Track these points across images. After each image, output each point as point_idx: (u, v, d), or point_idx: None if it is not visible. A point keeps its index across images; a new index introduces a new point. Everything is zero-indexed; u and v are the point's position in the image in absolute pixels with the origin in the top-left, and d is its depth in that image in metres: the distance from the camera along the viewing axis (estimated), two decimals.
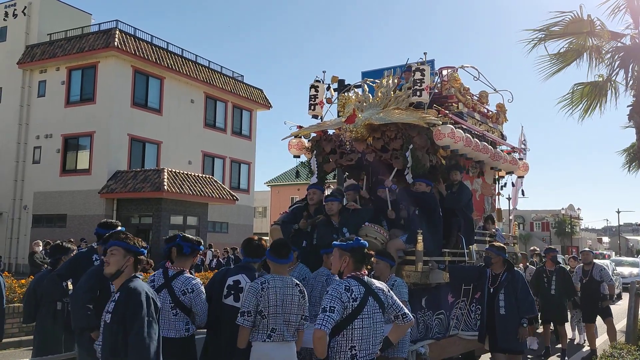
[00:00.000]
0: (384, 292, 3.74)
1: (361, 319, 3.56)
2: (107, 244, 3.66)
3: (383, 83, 7.94)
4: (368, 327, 3.59)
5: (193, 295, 4.53)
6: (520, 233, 57.88)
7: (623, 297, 18.46)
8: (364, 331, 3.57)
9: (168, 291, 4.51)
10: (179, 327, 4.50)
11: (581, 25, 8.90)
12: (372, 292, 3.66)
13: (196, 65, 27.52)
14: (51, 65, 25.10)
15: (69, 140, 24.66)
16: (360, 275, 3.71)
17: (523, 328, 6.41)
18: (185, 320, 4.54)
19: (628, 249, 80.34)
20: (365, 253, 3.78)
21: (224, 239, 27.01)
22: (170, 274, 4.61)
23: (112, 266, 3.48)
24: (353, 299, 3.57)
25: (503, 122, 9.40)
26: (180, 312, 4.51)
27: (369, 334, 3.59)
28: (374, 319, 3.62)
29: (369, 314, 3.60)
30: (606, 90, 9.52)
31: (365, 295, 3.61)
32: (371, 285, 3.70)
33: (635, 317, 8.86)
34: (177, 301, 4.49)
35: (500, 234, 8.74)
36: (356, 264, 3.73)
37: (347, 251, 3.78)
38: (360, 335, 3.56)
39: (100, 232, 5.15)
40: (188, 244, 4.67)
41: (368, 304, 3.60)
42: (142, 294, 3.37)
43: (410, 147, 7.02)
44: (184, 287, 4.52)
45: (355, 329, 3.55)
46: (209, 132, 28.25)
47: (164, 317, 4.44)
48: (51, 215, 24.18)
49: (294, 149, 8.60)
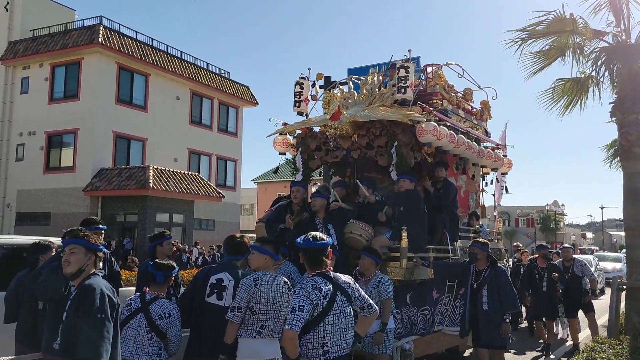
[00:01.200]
0: (350, 286, 3.76)
1: (332, 315, 3.57)
2: (66, 242, 3.51)
3: (368, 80, 7.95)
4: (339, 322, 3.60)
5: (169, 320, 4.47)
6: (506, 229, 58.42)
7: (606, 292, 18.70)
8: (335, 327, 3.58)
9: (144, 315, 4.45)
10: (151, 353, 4.42)
11: (563, 23, 8.96)
12: (340, 288, 3.67)
13: (182, 62, 27.35)
14: (34, 62, 24.81)
15: (52, 138, 24.40)
16: (326, 271, 3.70)
17: (506, 323, 6.47)
18: (158, 345, 4.46)
19: (612, 245, 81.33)
20: (317, 252, 3.71)
21: (211, 237, 26.93)
22: (148, 298, 4.55)
23: (73, 265, 3.38)
24: (323, 296, 3.57)
25: (487, 119, 9.47)
26: (155, 337, 4.43)
27: (340, 329, 3.60)
28: (344, 314, 3.63)
29: (339, 309, 3.61)
30: (587, 87, 9.60)
31: (334, 292, 3.62)
32: (338, 280, 3.70)
33: (617, 312, 8.97)
34: (153, 325, 4.42)
35: (484, 230, 8.81)
36: (313, 262, 3.72)
37: (300, 251, 3.79)
38: (332, 331, 3.57)
39: None
40: (160, 273, 4.60)
41: (337, 299, 3.61)
42: (97, 290, 3.25)
43: (395, 144, 7.05)
44: (161, 312, 4.46)
45: (327, 326, 3.56)
46: (195, 129, 28.11)
47: (137, 341, 4.40)
48: (35, 213, 23.93)
49: (279, 146, 8.59)
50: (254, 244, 4.54)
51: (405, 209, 6.82)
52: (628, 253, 9.10)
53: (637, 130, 8.79)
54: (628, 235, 8.87)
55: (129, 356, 4.39)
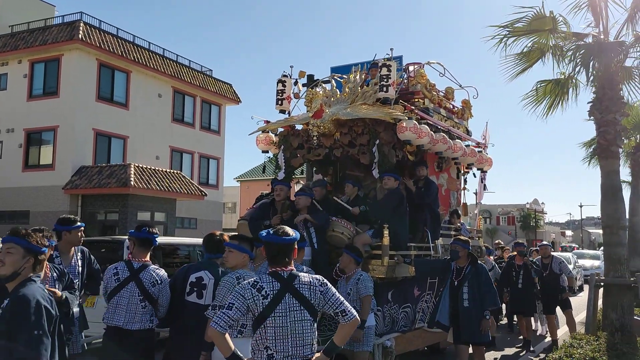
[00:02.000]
0: (313, 288, 3.31)
1: (273, 317, 3.21)
2: (4, 240, 3.14)
3: (351, 79, 7.97)
4: (283, 326, 3.21)
5: (161, 286, 4.57)
6: (487, 227, 58.91)
7: (584, 289, 18.98)
8: (278, 330, 3.21)
9: (136, 283, 4.49)
10: (145, 320, 4.50)
11: (543, 22, 9.07)
12: (292, 289, 3.27)
13: (163, 59, 27.11)
14: (13, 58, 24.38)
15: (31, 135, 24.02)
16: (280, 270, 3.32)
17: (485, 320, 6.54)
18: (150, 312, 4.57)
19: (590, 242, 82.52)
20: (279, 247, 3.36)
21: (193, 235, 26.72)
22: (136, 266, 4.60)
23: (7, 267, 3.00)
24: (263, 296, 3.23)
25: (468, 117, 9.55)
26: (148, 304, 4.52)
27: (285, 333, 3.22)
28: (291, 318, 3.23)
29: (284, 312, 3.23)
30: (567, 87, 9.75)
31: (280, 293, 3.25)
32: (292, 280, 3.30)
33: (594, 309, 9.13)
34: (146, 293, 4.49)
35: (465, 228, 8.89)
36: (272, 258, 3.37)
37: (263, 245, 3.48)
38: (274, 334, 3.21)
39: (59, 229, 5.04)
40: (156, 236, 4.74)
41: (283, 301, 3.23)
42: (32, 302, 2.88)
43: (377, 142, 7.08)
44: (152, 279, 4.54)
45: (268, 328, 3.22)
46: (177, 127, 27.90)
47: (130, 309, 4.45)
48: (13, 211, 23.54)
49: (262, 143, 8.58)
50: (231, 242, 4.52)
51: (387, 207, 6.86)
52: (606, 250, 9.25)
53: (614, 129, 8.94)
54: (606, 233, 9.02)
55: (122, 324, 4.44)
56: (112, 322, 4.50)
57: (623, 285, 8.64)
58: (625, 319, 8.47)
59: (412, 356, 8.26)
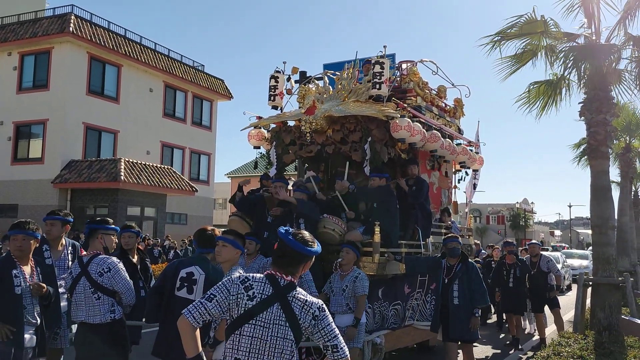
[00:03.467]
0: (305, 308, 2.80)
1: (253, 325, 2.73)
2: None
3: (343, 75, 7.96)
4: (261, 338, 2.73)
5: (111, 274, 4.42)
6: (477, 226, 59.17)
7: (573, 288, 19.11)
8: (254, 342, 2.72)
9: (86, 277, 4.42)
10: (104, 311, 4.39)
11: (535, 25, 9.13)
12: (284, 301, 2.78)
13: (155, 54, 26.96)
14: (2, 50, 24.15)
15: (20, 128, 23.82)
16: (279, 276, 2.84)
17: (475, 318, 6.56)
18: (109, 302, 4.43)
19: (579, 242, 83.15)
20: (291, 252, 2.87)
21: (183, 231, 26.66)
22: (85, 260, 4.52)
23: None
24: (249, 297, 2.77)
25: (460, 116, 9.58)
26: (102, 295, 4.39)
27: (262, 348, 2.72)
28: (272, 332, 2.73)
29: (266, 323, 2.74)
30: (560, 87, 9.80)
31: (269, 299, 2.77)
32: (288, 292, 2.81)
33: (582, 307, 9.19)
34: (96, 284, 4.39)
35: (455, 226, 8.91)
36: (279, 259, 2.90)
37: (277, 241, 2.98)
38: (249, 346, 2.73)
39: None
40: (86, 226, 4.70)
41: (269, 310, 2.75)
42: None
43: (369, 139, 7.08)
44: (99, 269, 4.41)
45: (244, 337, 2.73)
46: (169, 122, 27.77)
47: (87, 303, 4.38)
48: (1, 205, 23.34)
49: (254, 139, 8.56)
50: (226, 237, 4.42)
51: (378, 204, 6.86)
52: (594, 250, 9.32)
53: (604, 129, 9.00)
54: (594, 233, 9.08)
55: (83, 319, 4.40)
56: (77, 318, 4.48)
57: (611, 284, 8.71)
58: (613, 318, 8.54)
59: (401, 353, 8.29)
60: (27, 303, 4.30)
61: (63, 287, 4.95)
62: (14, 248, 4.34)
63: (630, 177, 17.91)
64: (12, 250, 4.35)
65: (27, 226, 4.38)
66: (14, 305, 4.21)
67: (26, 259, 4.39)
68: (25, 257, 4.38)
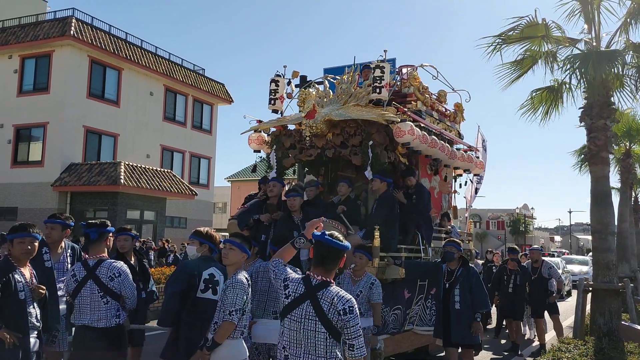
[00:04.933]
0: (332, 305, 3.15)
1: (290, 320, 3.23)
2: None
3: (344, 79, 7.96)
4: (297, 331, 3.19)
5: (121, 279, 4.50)
6: (477, 231, 59.12)
7: (573, 294, 19.07)
8: (292, 334, 3.21)
9: (94, 281, 4.43)
10: (110, 316, 4.44)
11: (536, 29, 9.13)
12: (313, 298, 3.18)
13: (156, 57, 26.98)
14: (3, 53, 24.17)
15: (21, 131, 23.82)
16: (314, 275, 3.25)
17: (476, 322, 6.54)
18: (115, 307, 4.49)
19: (579, 248, 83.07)
20: (328, 249, 3.26)
21: (182, 235, 26.62)
22: (91, 264, 4.52)
23: None
24: (286, 295, 3.28)
25: (460, 121, 9.58)
26: (110, 299, 4.44)
27: (298, 339, 3.18)
28: (304, 326, 3.17)
29: (299, 318, 3.19)
30: (562, 93, 9.81)
31: (301, 297, 3.21)
32: (318, 290, 3.20)
33: (582, 313, 9.16)
34: (106, 289, 4.43)
35: (455, 231, 8.90)
36: (316, 259, 3.32)
37: (314, 244, 3.40)
38: (289, 337, 3.22)
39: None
40: (94, 230, 4.63)
41: (301, 307, 3.19)
42: None
43: (370, 143, 7.07)
44: (110, 273, 4.46)
45: (285, 328, 3.25)
46: (169, 126, 27.78)
47: (93, 307, 4.39)
48: (1, 208, 23.33)
49: (254, 143, 8.55)
50: (234, 240, 4.40)
51: (378, 208, 6.85)
52: (594, 256, 9.29)
53: (604, 135, 9.00)
54: (594, 239, 9.07)
55: (86, 322, 4.39)
56: (79, 322, 4.47)
57: (611, 290, 8.69)
58: (613, 323, 8.52)
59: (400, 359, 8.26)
60: (30, 307, 4.29)
61: (62, 289, 4.93)
62: (22, 250, 4.27)
63: (630, 183, 17.90)
64: (18, 253, 4.28)
65: (32, 229, 4.37)
66: (20, 311, 4.18)
67: (25, 262, 4.38)
68: (26, 260, 4.37)
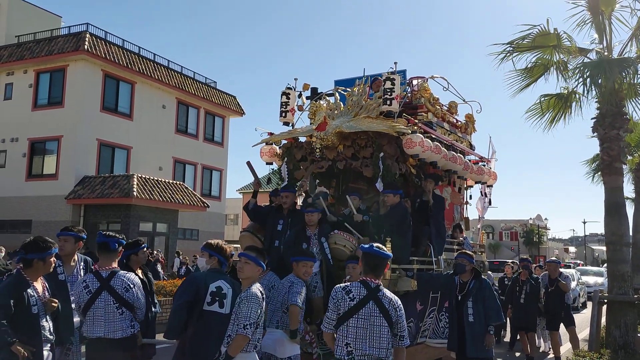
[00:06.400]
0: (391, 303, 3.86)
1: (356, 318, 3.77)
2: None
3: (354, 92, 7.99)
4: (364, 327, 3.76)
5: (135, 289, 4.59)
6: (490, 242, 58.68)
7: (588, 305, 18.82)
8: (359, 331, 3.75)
9: (109, 292, 4.45)
10: (125, 327, 4.49)
11: (548, 38, 9.11)
12: (376, 298, 3.82)
13: (168, 71, 27.24)
14: (18, 68, 24.55)
15: (35, 145, 24.11)
16: (369, 280, 3.88)
17: (490, 335, 6.47)
18: (129, 318, 4.55)
19: (594, 259, 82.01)
20: (373, 258, 3.92)
21: (195, 246, 26.68)
22: (105, 275, 4.55)
23: None
24: (350, 298, 3.81)
25: (472, 132, 9.55)
26: (125, 310, 4.50)
27: (365, 334, 3.75)
28: (371, 322, 3.77)
29: (366, 316, 3.77)
30: (570, 102, 9.76)
31: (365, 298, 3.79)
32: (377, 292, 3.85)
33: (598, 325, 9.05)
34: (121, 300, 4.48)
35: (467, 243, 8.84)
36: (366, 267, 3.94)
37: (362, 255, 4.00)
38: (355, 334, 3.76)
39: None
40: (114, 240, 4.74)
41: (367, 306, 3.78)
42: None
43: (381, 155, 7.07)
44: (125, 284, 4.53)
45: (350, 327, 3.77)
46: (181, 138, 27.97)
47: (108, 319, 4.43)
48: (15, 221, 23.55)
49: (266, 155, 8.59)
50: (249, 254, 4.36)
51: (391, 220, 6.83)
52: (609, 267, 9.19)
53: (618, 145, 8.93)
54: (609, 250, 8.97)
55: (103, 335, 4.41)
56: (94, 334, 4.47)
57: (626, 302, 8.58)
58: (629, 336, 8.40)
59: None
60: (42, 320, 4.31)
61: (75, 302, 4.96)
62: (46, 271, 4.29)
63: None
64: (42, 272, 4.29)
65: (52, 245, 4.37)
66: (33, 325, 4.20)
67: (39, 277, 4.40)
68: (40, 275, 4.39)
